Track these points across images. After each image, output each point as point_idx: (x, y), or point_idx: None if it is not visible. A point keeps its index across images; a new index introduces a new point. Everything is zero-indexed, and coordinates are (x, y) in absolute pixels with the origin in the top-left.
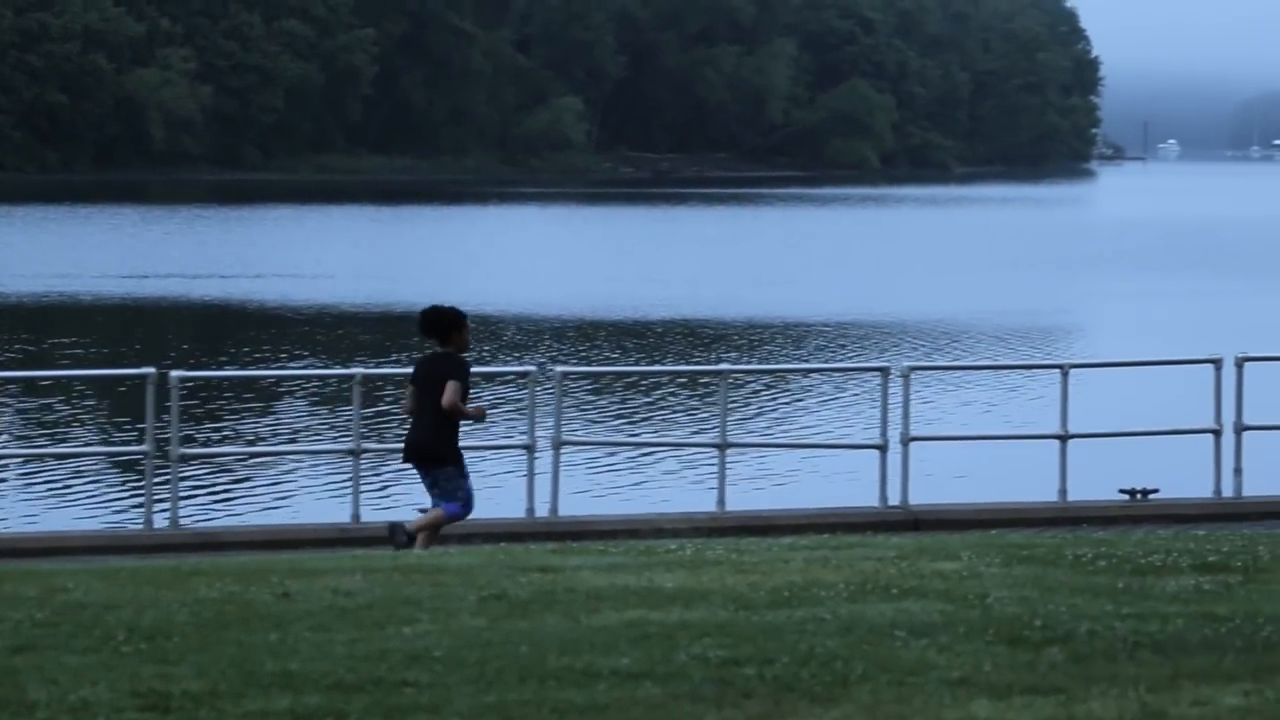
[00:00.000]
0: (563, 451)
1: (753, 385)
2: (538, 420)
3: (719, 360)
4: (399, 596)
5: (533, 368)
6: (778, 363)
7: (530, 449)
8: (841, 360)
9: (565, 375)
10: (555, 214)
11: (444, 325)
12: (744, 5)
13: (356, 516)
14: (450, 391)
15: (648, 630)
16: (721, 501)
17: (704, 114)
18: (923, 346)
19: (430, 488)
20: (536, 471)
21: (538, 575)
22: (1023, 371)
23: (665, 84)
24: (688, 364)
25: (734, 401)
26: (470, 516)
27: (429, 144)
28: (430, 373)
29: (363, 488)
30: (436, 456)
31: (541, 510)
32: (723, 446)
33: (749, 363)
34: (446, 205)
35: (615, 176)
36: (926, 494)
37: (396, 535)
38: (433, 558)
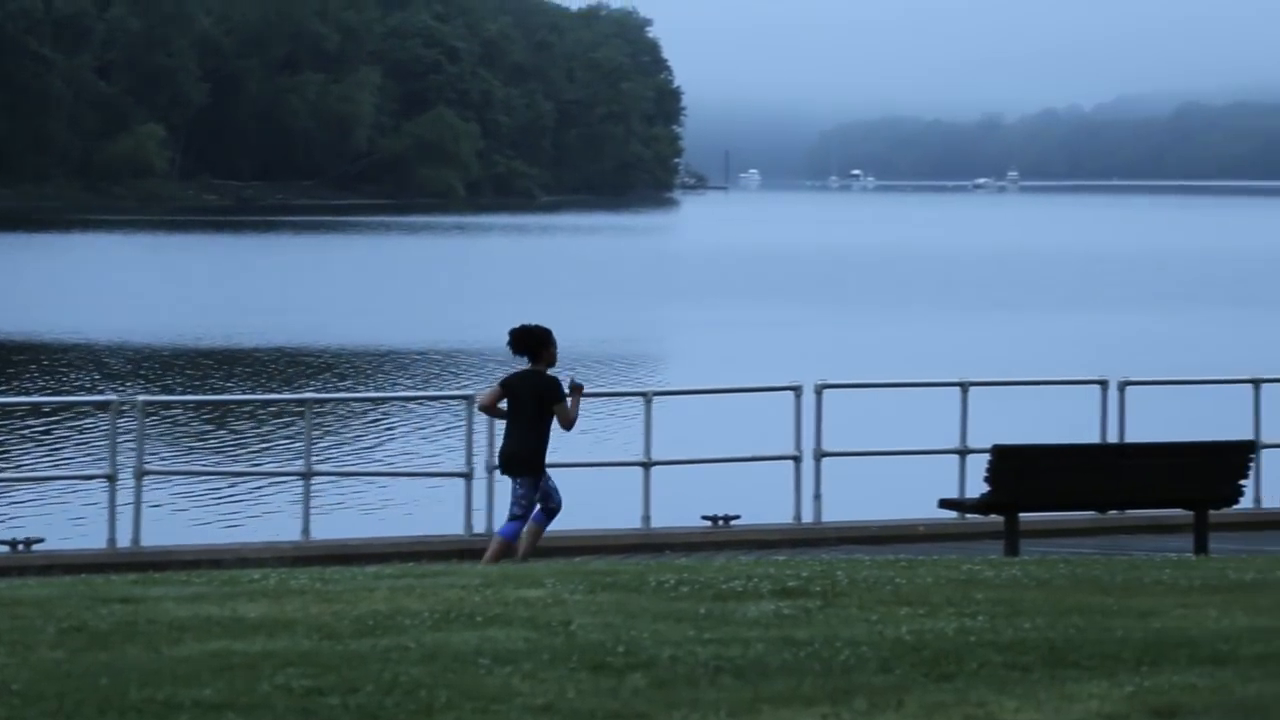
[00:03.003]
0: (145, 481)
1: (339, 413)
2: (119, 450)
3: (304, 389)
4: None
5: (114, 397)
6: (364, 391)
7: (112, 479)
8: (427, 388)
9: (148, 404)
10: (140, 242)
11: (533, 343)
12: (329, 33)
13: None
14: (562, 415)
15: (231, 661)
16: (306, 530)
17: (289, 141)
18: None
19: (515, 490)
20: (119, 502)
21: (119, 606)
22: (606, 399)
23: (249, 111)
24: (273, 393)
25: (319, 430)
26: (45, 547)
27: (8, 171)
28: (526, 392)
29: None
30: (527, 467)
31: (123, 540)
32: (307, 475)
33: (335, 391)
34: (28, 233)
35: (198, 204)
36: None
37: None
38: (10, 589)
